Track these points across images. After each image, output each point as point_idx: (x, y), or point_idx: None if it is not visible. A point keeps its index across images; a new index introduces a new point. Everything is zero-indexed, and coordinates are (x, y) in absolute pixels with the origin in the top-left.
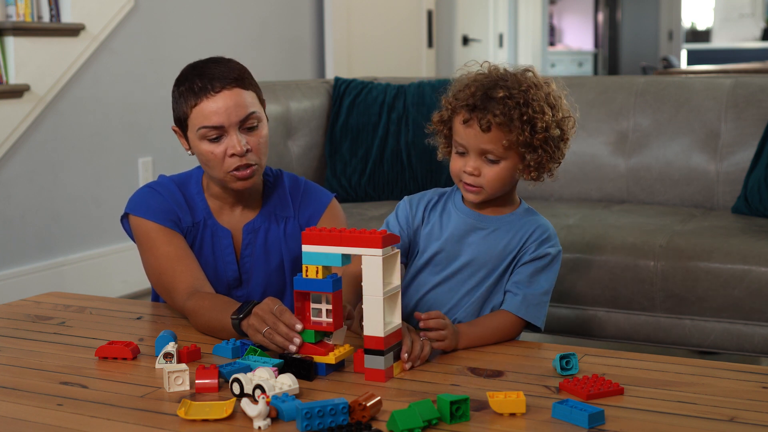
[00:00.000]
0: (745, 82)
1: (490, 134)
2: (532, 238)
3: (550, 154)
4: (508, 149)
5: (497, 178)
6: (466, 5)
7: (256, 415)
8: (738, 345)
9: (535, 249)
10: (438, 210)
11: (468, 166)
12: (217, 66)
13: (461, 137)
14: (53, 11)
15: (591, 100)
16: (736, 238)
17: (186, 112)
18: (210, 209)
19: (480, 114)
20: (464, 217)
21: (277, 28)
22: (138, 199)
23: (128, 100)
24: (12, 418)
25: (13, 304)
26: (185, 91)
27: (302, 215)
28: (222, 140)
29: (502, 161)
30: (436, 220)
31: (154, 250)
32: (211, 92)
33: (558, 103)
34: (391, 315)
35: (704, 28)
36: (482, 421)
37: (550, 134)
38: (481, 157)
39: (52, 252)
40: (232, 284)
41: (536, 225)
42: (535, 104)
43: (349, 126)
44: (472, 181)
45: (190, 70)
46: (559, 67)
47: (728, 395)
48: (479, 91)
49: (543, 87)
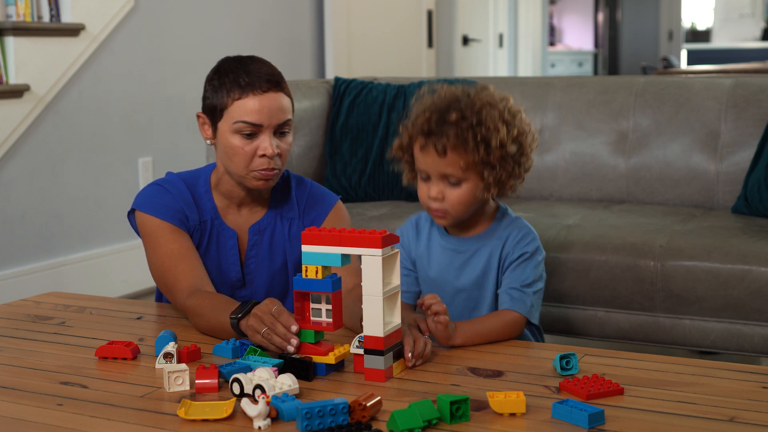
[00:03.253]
0: (745, 82)
1: (446, 158)
2: (508, 243)
3: (509, 171)
4: (467, 170)
5: (460, 201)
6: (466, 5)
7: (256, 415)
8: (738, 345)
9: (513, 252)
10: (423, 239)
11: (432, 191)
12: (263, 66)
13: (421, 163)
14: (53, 11)
15: (591, 100)
16: (736, 238)
17: (225, 102)
18: (217, 209)
19: (435, 138)
20: (445, 244)
21: (277, 28)
22: (146, 195)
23: (128, 100)
24: (12, 418)
25: (13, 304)
26: (229, 82)
27: (307, 217)
28: (255, 139)
29: (463, 183)
30: (423, 251)
31: (159, 247)
32: (258, 90)
33: (514, 119)
34: (390, 315)
35: (704, 28)
36: (482, 421)
37: (506, 151)
38: (443, 181)
39: (52, 252)
40: (236, 285)
41: (510, 231)
42: (489, 123)
43: (349, 126)
44: (437, 206)
45: (236, 64)
46: (559, 67)
47: (728, 395)
48: (434, 116)
49: (498, 105)
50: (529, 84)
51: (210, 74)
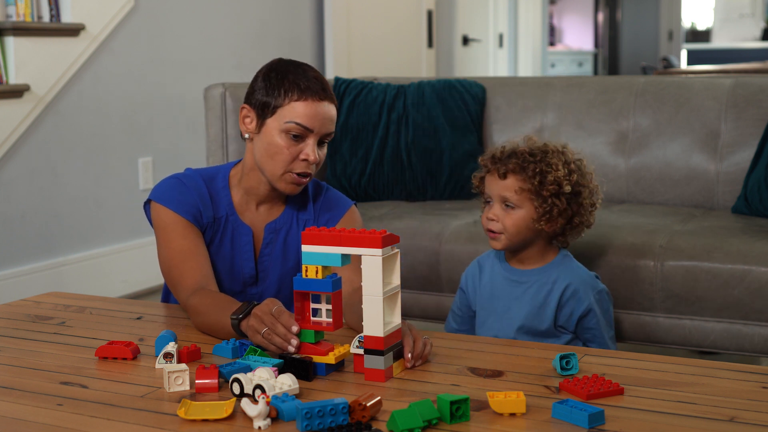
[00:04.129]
0: (745, 82)
1: (506, 181)
2: (565, 295)
3: (560, 209)
4: (521, 195)
5: (514, 225)
6: (466, 5)
7: (256, 415)
8: (738, 345)
9: (576, 306)
10: (486, 272)
11: (490, 213)
12: (319, 75)
13: (485, 187)
14: (53, 11)
15: (591, 100)
16: (736, 238)
17: (281, 101)
18: (233, 205)
19: (500, 164)
20: (507, 274)
21: (277, 28)
22: (163, 188)
23: (128, 100)
24: (12, 418)
25: (13, 304)
26: (288, 82)
27: (320, 220)
28: (300, 142)
29: (518, 209)
30: (486, 283)
31: (170, 241)
32: (316, 97)
33: (577, 168)
34: (390, 315)
35: (704, 28)
36: (482, 421)
37: (561, 189)
38: (501, 204)
39: (52, 252)
40: (248, 281)
41: (567, 281)
42: (551, 160)
43: (349, 126)
44: (493, 227)
45: (294, 67)
46: (559, 67)
47: (728, 395)
48: (507, 148)
49: (567, 155)
50: (529, 84)
51: (265, 70)
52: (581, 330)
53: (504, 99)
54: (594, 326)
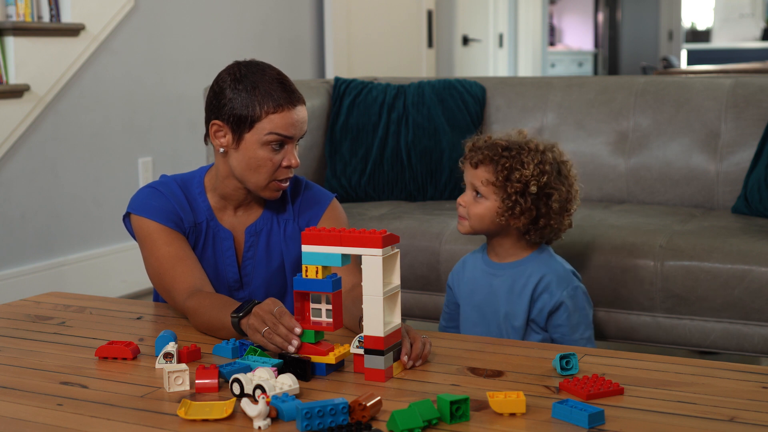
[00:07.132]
0: (745, 82)
1: (477, 171)
2: (538, 289)
3: (523, 207)
4: (488, 187)
5: (477, 214)
6: (466, 5)
7: (256, 415)
8: (738, 345)
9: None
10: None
11: (461, 198)
12: (281, 75)
13: (464, 174)
14: (53, 11)
15: (591, 100)
16: (736, 238)
17: (257, 114)
18: (212, 210)
19: (475, 153)
20: (486, 269)
21: (277, 28)
22: (140, 198)
23: (128, 100)
24: (12, 418)
25: (13, 304)
26: (260, 94)
27: (302, 217)
28: (281, 150)
29: (484, 200)
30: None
31: (155, 250)
32: (290, 105)
33: (554, 171)
34: (390, 315)
35: (704, 28)
36: (482, 421)
37: (528, 188)
38: (471, 192)
39: (52, 252)
40: (233, 286)
41: (540, 274)
42: (523, 159)
43: (349, 126)
44: (460, 211)
45: (258, 74)
46: (559, 67)
47: (728, 395)
48: (488, 139)
49: (548, 155)
50: (529, 84)
51: (228, 81)
52: (551, 328)
53: (504, 99)
54: (563, 323)
